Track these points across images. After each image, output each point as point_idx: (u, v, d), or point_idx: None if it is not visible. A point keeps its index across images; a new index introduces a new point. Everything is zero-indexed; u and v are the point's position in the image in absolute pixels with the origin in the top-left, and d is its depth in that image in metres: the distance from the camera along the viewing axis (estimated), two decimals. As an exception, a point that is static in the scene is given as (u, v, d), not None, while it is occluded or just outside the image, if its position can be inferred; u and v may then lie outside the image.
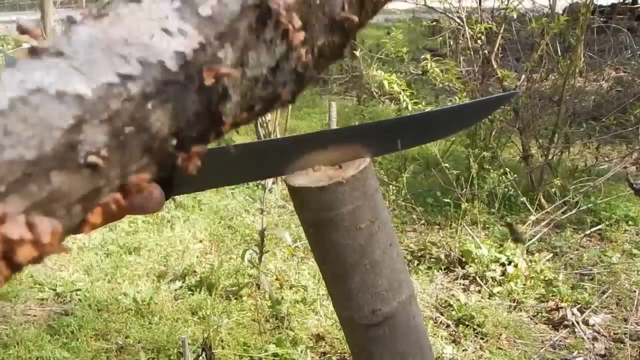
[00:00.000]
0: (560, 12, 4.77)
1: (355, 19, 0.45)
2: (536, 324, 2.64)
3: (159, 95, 0.34)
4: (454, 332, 2.55)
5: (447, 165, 3.45)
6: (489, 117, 3.91)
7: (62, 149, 0.30)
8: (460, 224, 3.18)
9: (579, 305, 2.71)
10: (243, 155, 0.63)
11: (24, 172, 0.29)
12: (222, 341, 2.44)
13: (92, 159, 0.31)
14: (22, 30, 0.35)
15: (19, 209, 0.29)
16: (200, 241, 3.30)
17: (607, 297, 2.78)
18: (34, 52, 0.32)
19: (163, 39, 0.34)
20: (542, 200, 3.55)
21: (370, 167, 0.61)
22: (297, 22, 0.39)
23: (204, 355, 2.18)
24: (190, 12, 0.36)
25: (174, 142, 0.36)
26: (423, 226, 3.43)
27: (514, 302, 2.75)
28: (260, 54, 0.39)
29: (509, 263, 2.93)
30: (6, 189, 0.28)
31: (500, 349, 2.46)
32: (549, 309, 2.72)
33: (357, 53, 4.39)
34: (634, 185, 2.20)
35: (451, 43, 5.92)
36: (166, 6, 0.35)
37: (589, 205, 3.48)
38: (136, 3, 0.35)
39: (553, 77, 4.41)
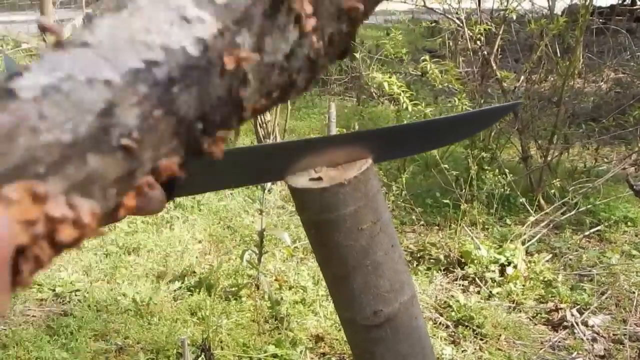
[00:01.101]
0: (559, 13, 4.78)
1: (361, 6, 0.46)
2: (535, 324, 2.64)
3: (184, 79, 0.35)
4: (453, 333, 2.55)
5: (446, 166, 3.46)
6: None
7: (96, 131, 0.31)
8: (460, 225, 3.18)
9: (578, 306, 2.71)
10: (243, 158, 0.63)
11: (62, 154, 0.30)
12: (221, 342, 2.44)
13: (125, 141, 0.32)
14: (43, 28, 0.36)
15: (59, 190, 0.29)
16: (200, 242, 3.29)
17: (606, 298, 2.78)
18: (58, 45, 0.33)
19: (183, 27, 0.35)
20: (542, 201, 3.56)
21: (372, 168, 0.61)
22: (309, 8, 0.40)
23: (203, 356, 2.18)
24: (206, 0, 0.37)
25: (200, 126, 0.37)
26: (422, 227, 3.43)
27: (513, 303, 2.75)
28: (275, 39, 0.40)
29: (508, 264, 2.93)
30: (46, 170, 0.29)
31: (499, 349, 2.46)
32: (548, 309, 2.72)
33: (357, 54, 4.39)
34: (634, 187, 2.20)
35: (450, 44, 5.93)
36: None
37: (588, 206, 3.48)
38: None
39: (552, 78, 4.42)
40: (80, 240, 0.30)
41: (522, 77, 4.21)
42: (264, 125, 3.97)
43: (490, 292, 2.82)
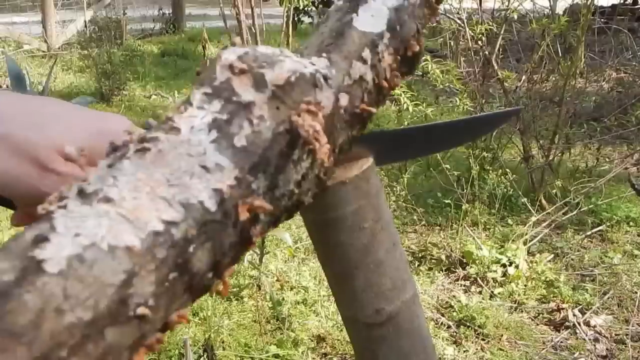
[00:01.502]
0: (561, 13, 4.77)
1: (374, 110, 0.48)
2: (537, 325, 2.64)
3: (199, 236, 0.35)
4: (455, 333, 2.55)
5: (447, 166, 3.46)
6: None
7: (114, 305, 0.31)
8: (461, 225, 3.18)
9: (580, 306, 2.71)
10: None
11: (83, 333, 0.30)
12: (223, 342, 2.44)
13: (141, 310, 0.32)
14: (67, 157, 0.39)
15: None
16: (201, 242, 3.29)
17: (608, 298, 2.78)
18: (82, 194, 0.33)
19: (202, 177, 0.36)
20: (543, 201, 3.55)
21: (373, 167, 0.61)
22: (324, 139, 0.41)
23: (205, 356, 2.18)
24: (226, 144, 0.38)
25: (211, 274, 0.37)
26: (424, 227, 3.43)
27: (515, 303, 2.75)
28: (288, 173, 0.41)
29: (510, 264, 2.93)
30: (68, 353, 0.29)
31: (501, 350, 2.46)
32: (550, 310, 2.72)
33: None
34: (636, 186, 2.20)
35: (451, 44, 5.93)
36: (204, 138, 0.37)
37: (590, 206, 3.47)
38: (175, 134, 0.37)
39: (554, 78, 4.41)
40: None
41: (524, 77, 4.21)
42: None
43: (492, 292, 2.82)
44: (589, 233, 3.33)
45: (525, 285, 2.85)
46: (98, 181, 0.34)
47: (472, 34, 3.80)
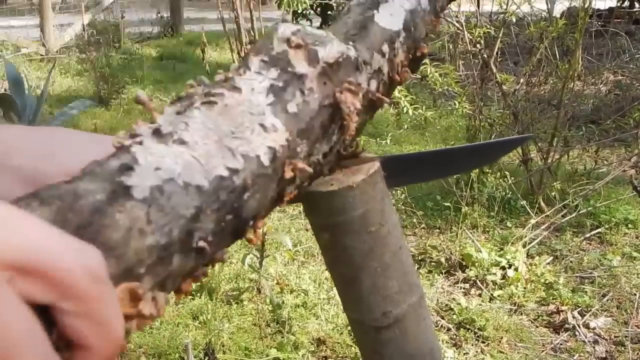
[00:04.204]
0: (558, 16, 4.79)
1: (387, 100, 0.53)
2: (537, 327, 2.64)
3: (253, 186, 0.39)
4: (455, 336, 2.56)
5: (447, 169, 3.46)
6: (489, 120, 3.92)
7: (183, 235, 0.35)
8: (461, 228, 3.19)
9: (580, 309, 2.72)
10: None
11: (158, 255, 0.33)
12: (223, 346, 2.44)
13: (202, 244, 0.36)
14: (140, 102, 0.40)
15: (148, 287, 0.33)
16: (201, 246, 3.29)
17: (607, 300, 2.79)
18: (157, 133, 0.37)
19: (261, 134, 0.40)
20: (542, 204, 3.56)
21: (379, 171, 0.61)
22: (355, 117, 0.46)
23: (206, 359, 2.18)
24: (280, 108, 0.42)
25: (251, 222, 0.42)
26: (423, 230, 3.44)
27: (514, 306, 2.76)
28: (322, 144, 0.46)
29: (510, 266, 2.93)
30: (145, 271, 0.33)
31: (501, 352, 2.47)
32: (550, 312, 2.72)
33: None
34: (638, 188, 2.21)
35: (450, 47, 5.95)
36: (262, 100, 0.42)
37: (589, 209, 3.48)
38: (237, 93, 0.41)
39: (552, 81, 4.42)
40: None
41: (522, 80, 4.22)
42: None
43: (492, 294, 2.83)
44: (587, 235, 3.34)
45: (525, 288, 2.86)
46: (170, 125, 0.38)
47: (471, 37, 3.81)
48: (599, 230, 3.38)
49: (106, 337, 0.29)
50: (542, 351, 2.48)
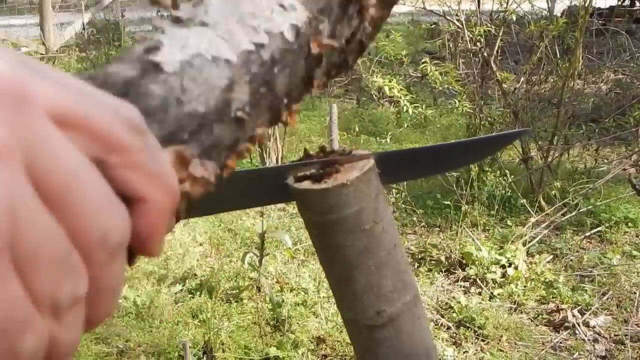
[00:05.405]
0: (559, 14, 4.78)
1: None
2: (537, 325, 2.64)
3: (281, 61, 0.40)
4: (454, 334, 2.55)
5: (446, 167, 3.45)
6: (489, 119, 3.92)
7: (220, 104, 0.36)
8: (461, 226, 3.18)
9: (580, 307, 2.71)
10: (251, 180, 0.64)
11: (198, 123, 0.35)
12: (222, 344, 2.44)
13: (240, 114, 0.38)
14: (154, 2, 0.41)
15: (196, 153, 0.35)
16: (201, 244, 3.29)
17: (607, 298, 2.78)
18: (178, 20, 0.38)
19: (281, 13, 0.41)
20: (542, 202, 3.56)
21: (373, 168, 0.61)
22: (372, 1, 0.47)
23: (205, 358, 2.18)
24: None
25: (285, 101, 0.43)
26: (423, 228, 3.43)
27: (514, 304, 2.75)
28: (343, 26, 0.46)
29: (510, 265, 2.93)
30: (188, 137, 0.34)
31: (501, 350, 2.46)
32: (550, 310, 2.72)
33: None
34: (637, 186, 2.21)
35: (450, 46, 5.94)
36: None
37: (589, 207, 3.48)
38: None
39: (552, 80, 4.42)
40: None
41: (522, 79, 4.22)
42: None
43: (492, 293, 2.82)
44: (587, 234, 3.33)
45: (525, 286, 2.85)
46: (189, 13, 0.39)
47: (471, 35, 3.80)
48: (599, 228, 3.38)
49: (160, 188, 0.30)
50: (542, 350, 2.47)
